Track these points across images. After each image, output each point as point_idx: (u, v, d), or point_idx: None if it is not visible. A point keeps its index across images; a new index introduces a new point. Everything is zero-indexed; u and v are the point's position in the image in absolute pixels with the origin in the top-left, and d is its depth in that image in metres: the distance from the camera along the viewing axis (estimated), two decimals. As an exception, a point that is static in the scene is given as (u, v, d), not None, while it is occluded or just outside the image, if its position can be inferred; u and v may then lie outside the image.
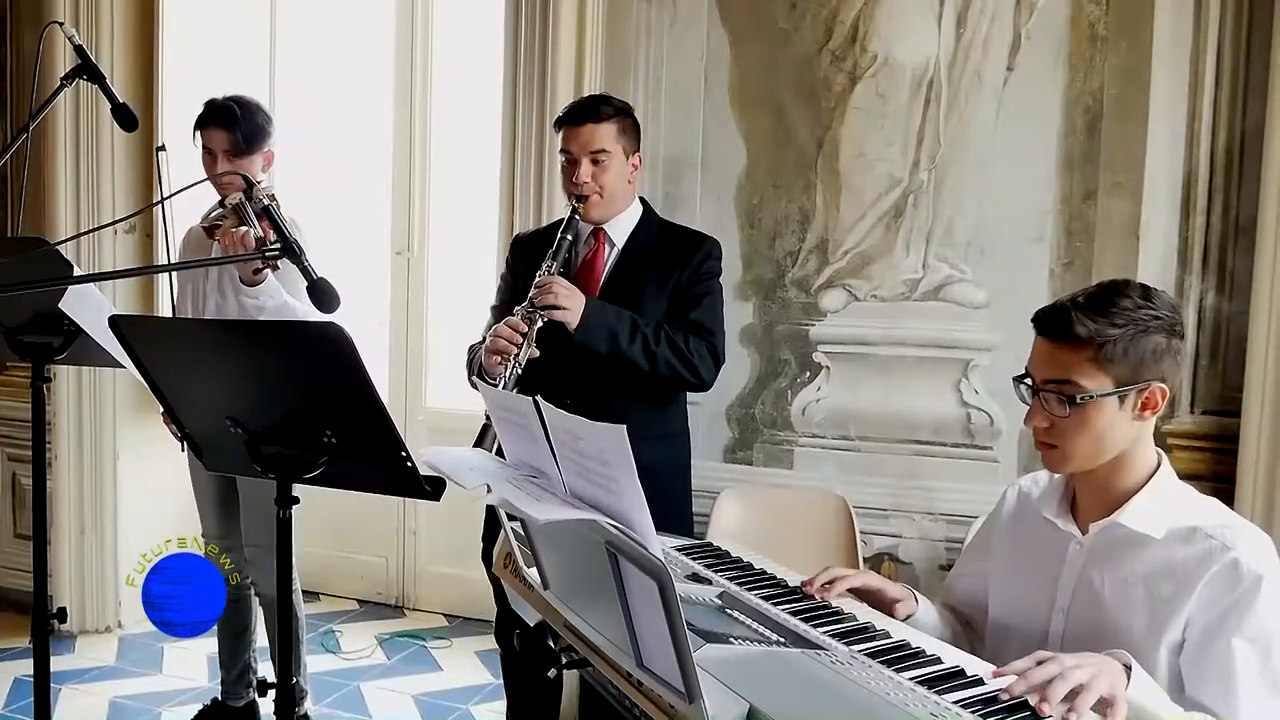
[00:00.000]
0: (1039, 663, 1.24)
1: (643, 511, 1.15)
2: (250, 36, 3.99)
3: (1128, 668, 1.28)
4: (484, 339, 2.52)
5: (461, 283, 3.89)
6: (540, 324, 2.20)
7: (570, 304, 2.22)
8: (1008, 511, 1.69)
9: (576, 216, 2.31)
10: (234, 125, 2.69)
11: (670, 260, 2.37)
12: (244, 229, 2.41)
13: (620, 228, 2.40)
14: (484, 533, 2.45)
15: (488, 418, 2.07)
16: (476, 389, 2.16)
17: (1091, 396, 1.41)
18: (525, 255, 2.42)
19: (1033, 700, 1.19)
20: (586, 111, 2.33)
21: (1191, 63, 2.66)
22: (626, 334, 2.25)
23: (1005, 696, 1.20)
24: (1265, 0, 2.57)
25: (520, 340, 2.17)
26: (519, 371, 2.16)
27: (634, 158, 2.38)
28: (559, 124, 2.38)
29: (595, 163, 2.30)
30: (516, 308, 2.25)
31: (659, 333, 2.29)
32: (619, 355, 2.25)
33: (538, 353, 2.19)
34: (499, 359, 2.18)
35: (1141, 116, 2.70)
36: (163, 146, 2.49)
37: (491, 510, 2.38)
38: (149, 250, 3.74)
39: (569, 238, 2.29)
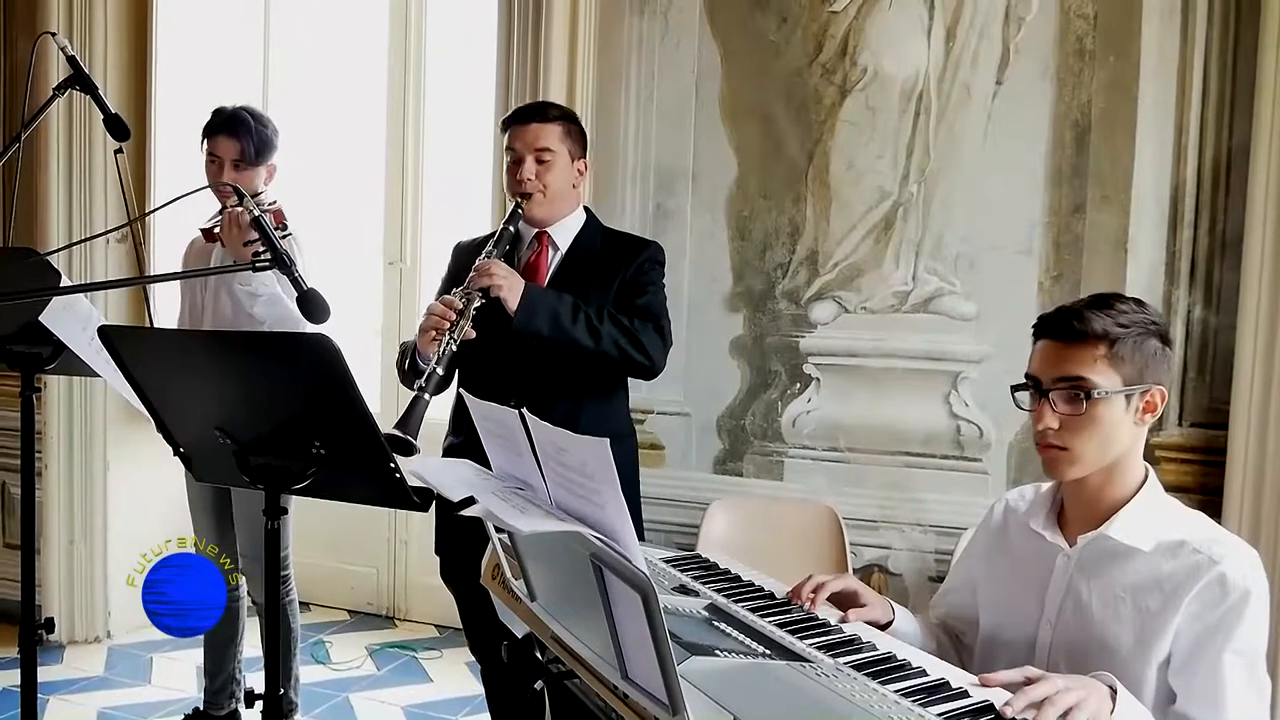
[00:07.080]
0: (1028, 679, 1.24)
1: (626, 524, 1.16)
2: (243, 48, 4.00)
3: (1113, 690, 1.28)
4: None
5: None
6: (478, 304, 2.15)
7: (509, 283, 2.17)
8: (995, 526, 1.70)
9: (520, 211, 2.30)
10: (245, 134, 2.68)
11: (614, 263, 2.35)
12: (239, 209, 2.39)
13: (564, 231, 2.38)
14: (436, 544, 2.44)
15: (419, 390, 2.07)
16: (410, 386, 2.13)
17: (1105, 393, 1.43)
18: (466, 262, 2.36)
19: (1030, 717, 1.19)
20: (533, 112, 2.37)
21: (1179, 78, 2.69)
22: (569, 313, 2.18)
23: (1008, 712, 1.19)
24: (1251, 16, 2.59)
25: (454, 317, 2.13)
26: (453, 348, 2.11)
27: (579, 163, 2.37)
28: (505, 124, 2.38)
29: (540, 161, 2.30)
30: (454, 289, 2.21)
31: (602, 311, 2.23)
32: (562, 335, 2.17)
33: (474, 334, 2.14)
34: (433, 335, 2.13)
35: (1129, 131, 2.72)
36: (120, 150, 2.44)
37: (440, 520, 2.38)
38: (140, 260, 3.74)
39: (511, 228, 2.28)
